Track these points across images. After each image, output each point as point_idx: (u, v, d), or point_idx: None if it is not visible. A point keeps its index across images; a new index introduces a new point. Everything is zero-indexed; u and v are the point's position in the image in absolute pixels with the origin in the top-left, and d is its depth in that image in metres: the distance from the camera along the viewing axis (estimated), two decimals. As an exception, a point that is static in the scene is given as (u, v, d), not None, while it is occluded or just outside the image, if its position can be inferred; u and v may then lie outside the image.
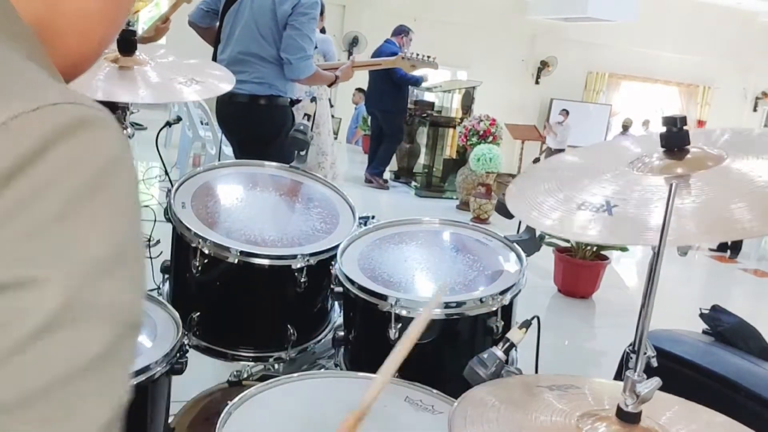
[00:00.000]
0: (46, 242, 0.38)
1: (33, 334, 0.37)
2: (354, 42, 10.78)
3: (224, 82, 1.83)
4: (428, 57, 3.68)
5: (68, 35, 0.52)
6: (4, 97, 0.39)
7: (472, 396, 1.06)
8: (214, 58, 3.11)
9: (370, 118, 8.00)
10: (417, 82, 7.49)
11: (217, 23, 3.16)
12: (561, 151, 10.68)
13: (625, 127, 11.57)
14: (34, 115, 0.39)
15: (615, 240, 1.01)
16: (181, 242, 1.60)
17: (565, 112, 11.02)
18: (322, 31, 4.69)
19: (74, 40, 0.53)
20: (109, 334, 0.41)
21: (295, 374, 1.32)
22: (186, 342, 1.41)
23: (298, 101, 3.24)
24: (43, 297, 0.38)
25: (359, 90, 8.85)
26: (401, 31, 7.29)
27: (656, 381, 0.94)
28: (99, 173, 0.41)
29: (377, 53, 7.13)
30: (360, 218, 1.73)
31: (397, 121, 7.53)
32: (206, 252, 1.53)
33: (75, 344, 0.39)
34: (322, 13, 4.75)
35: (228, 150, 3.73)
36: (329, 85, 3.39)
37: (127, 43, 1.69)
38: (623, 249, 4.65)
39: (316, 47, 3.15)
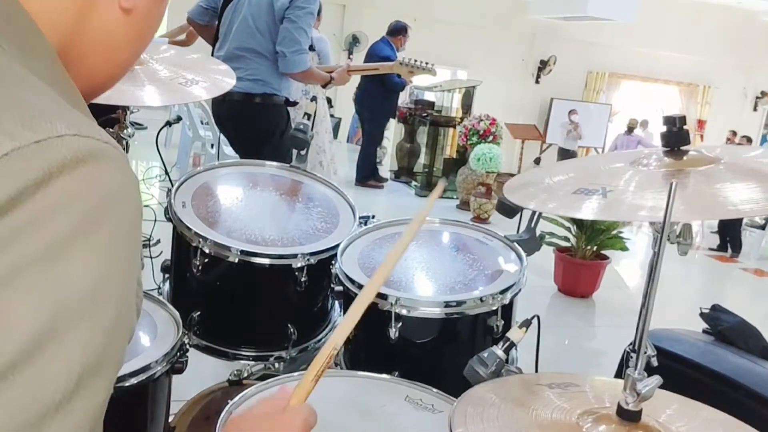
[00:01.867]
0: (30, 273, 0.38)
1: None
2: (354, 41, 10.78)
3: (228, 77, 1.83)
4: (426, 63, 3.64)
5: (93, 56, 0.52)
6: (15, 125, 0.39)
7: (472, 394, 1.06)
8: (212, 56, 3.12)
9: (358, 118, 7.95)
10: (403, 86, 7.40)
11: (216, 21, 3.16)
12: (573, 152, 10.62)
13: (631, 129, 11.53)
14: (37, 147, 0.39)
15: (607, 216, 1.04)
16: (182, 242, 1.60)
17: (575, 113, 10.95)
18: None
19: (99, 60, 0.53)
20: (74, 378, 0.40)
21: (296, 374, 1.32)
22: (186, 341, 1.40)
23: (294, 103, 3.23)
24: (13, 327, 0.37)
25: None
26: (399, 31, 7.08)
27: (657, 379, 0.94)
28: (96, 210, 0.41)
29: (371, 52, 7.06)
30: (360, 218, 1.73)
31: (380, 123, 7.47)
32: (207, 251, 1.53)
33: (39, 385, 0.38)
34: (319, 13, 4.74)
35: (229, 150, 3.73)
36: (323, 86, 3.39)
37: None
38: (623, 249, 4.65)
39: (312, 47, 3.16)
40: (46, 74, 0.46)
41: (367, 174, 7.50)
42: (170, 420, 1.48)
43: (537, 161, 11.90)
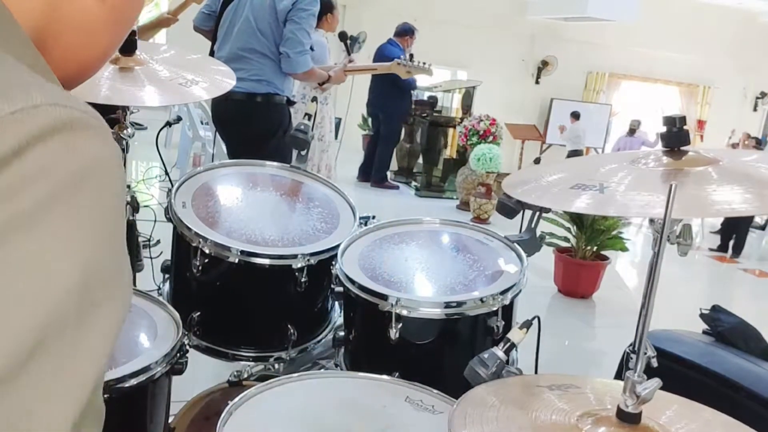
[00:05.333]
0: (9, 242, 0.36)
1: None
2: (353, 41, 10.76)
3: (228, 78, 1.83)
4: (424, 63, 3.67)
5: (69, 42, 0.51)
6: None
7: (472, 396, 1.06)
8: (211, 56, 3.13)
9: (370, 119, 7.99)
10: (415, 85, 7.49)
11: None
12: (579, 152, 10.58)
13: (632, 130, 11.50)
14: (12, 117, 0.38)
15: (604, 211, 1.04)
16: (182, 242, 1.60)
17: (574, 116, 10.84)
18: (342, 36, 4.66)
19: (76, 47, 0.52)
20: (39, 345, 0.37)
21: (295, 374, 1.32)
22: (186, 342, 1.40)
23: (294, 102, 3.25)
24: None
25: None
26: (406, 32, 7.14)
27: (656, 382, 0.94)
28: (75, 177, 0.40)
29: (379, 53, 7.08)
30: (360, 218, 1.73)
31: (396, 125, 7.57)
32: (207, 251, 1.53)
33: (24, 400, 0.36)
34: (332, 11, 4.75)
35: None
36: (320, 85, 3.41)
37: (128, 43, 1.69)
38: (623, 249, 4.65)
39: (311, 48, 3.17)
40: (21, 56, 0.45)
41: (385, 174, 7.61)
42: (170, 421, 1.48)
43: (537, 161, 11.89)
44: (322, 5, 4.60)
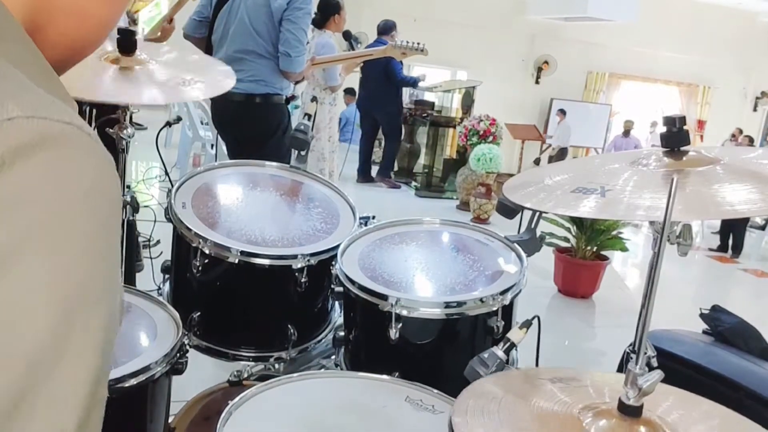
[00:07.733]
0: None
1: None
2: (355, 41, 10.76)
3: (228, 78, 1.84)
4: (417, 43, 3.67)
5: (62, 24, 0.47)
6: None
7: (474, 388, 1.06)
8: None
9: (359, 116, 7.99)
10: (415, 83, 7.53)
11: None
12: (564, 149, 10.66)
13: (627, 131, 11.55)
14: None
15: (605, 215, 1.03)
16: (182, 242, 1.60)
17: (561, 113, 11.00)
18: (347, 35, 4.67)
19: (70, 29, 0.48)
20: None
21: (295, 374, 1.32)
22: (186, 342, 1.40)
23: (292, 98, 3.25)
24: None
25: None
26: (390, 28, 7.02)
27: (658, 374, 0.94)
28: (58, 203, 0.35)
29: None
30: (360, 218, 1.73)
31: (397, 121, 7.61)
32: (207, 252, 1.53)
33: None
34: (339, 12, 4.77)
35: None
36: (295, 82, 3.44)
37: (128, 43, 1.69)
38: (623, 249, 4.65)
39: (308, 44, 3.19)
40: (13, 53, 0.41)
41: (390, 172, 7.73)
42: (170, 421, 1.48)
43: (537, 161, 11.89)
44: (330, 6, 4.63)
